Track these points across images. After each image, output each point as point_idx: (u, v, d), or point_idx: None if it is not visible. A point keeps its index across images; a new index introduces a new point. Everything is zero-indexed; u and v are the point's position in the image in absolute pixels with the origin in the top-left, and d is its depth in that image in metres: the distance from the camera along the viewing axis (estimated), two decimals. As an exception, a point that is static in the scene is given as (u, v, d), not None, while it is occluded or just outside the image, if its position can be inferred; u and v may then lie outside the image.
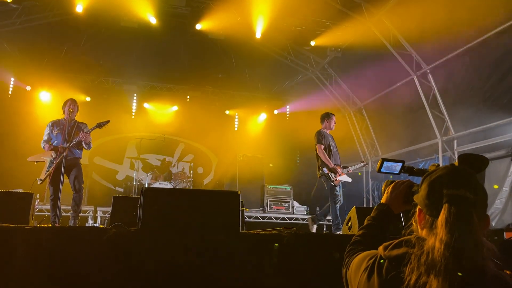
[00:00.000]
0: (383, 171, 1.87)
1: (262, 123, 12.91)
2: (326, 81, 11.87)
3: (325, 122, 6.85)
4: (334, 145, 6.74)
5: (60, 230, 4.02)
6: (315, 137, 6.72)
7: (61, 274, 3.32)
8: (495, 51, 7.24)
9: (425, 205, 1.26)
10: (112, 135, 11.28)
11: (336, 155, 6.68)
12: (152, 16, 8.98)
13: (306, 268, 3.70)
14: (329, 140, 6.69)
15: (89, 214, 8.97)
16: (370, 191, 11.49)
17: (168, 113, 12.24)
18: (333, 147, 6.71)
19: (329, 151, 6.61)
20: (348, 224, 4.75)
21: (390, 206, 1.65)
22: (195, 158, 12.18)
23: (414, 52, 8.76)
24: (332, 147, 6.68)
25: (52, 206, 5.72)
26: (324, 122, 6.86)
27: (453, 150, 8.70)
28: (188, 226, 3.70)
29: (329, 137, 6.76)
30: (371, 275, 1.26)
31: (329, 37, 9.68)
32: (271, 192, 10.40)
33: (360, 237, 1.60)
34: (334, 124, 6.91)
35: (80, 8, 8.58)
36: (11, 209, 4.23)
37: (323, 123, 6.86)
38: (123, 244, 3.46)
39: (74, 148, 5.95)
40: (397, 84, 9.62)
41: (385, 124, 10.71)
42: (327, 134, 6.78)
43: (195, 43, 10.32)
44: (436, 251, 1.11)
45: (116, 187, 11.31)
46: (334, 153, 6.67)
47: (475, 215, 1.15)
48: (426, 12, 7.65)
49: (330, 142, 6.69)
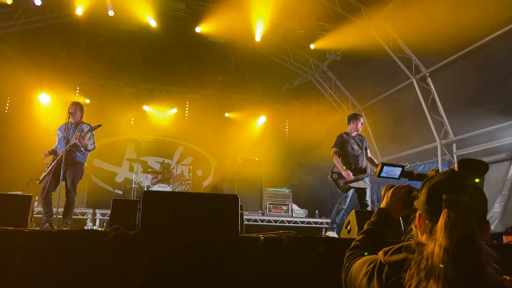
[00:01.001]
0: (383, 176, 1.87)
1: (262, 126, 12.91)
2: (325, 84, 11.89)
3: (351, 123, 6.62)
4: (356, 148, 6.45)
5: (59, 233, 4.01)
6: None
7: (60, 277, 3.32)
8: (494, 55, 7.26)
9: (424, 210, 1.26)
10: (112, 138, 11.28)
11: (354, 158, 6.39)
12: (152, 19, 8.99)
13: (305, 271, 3.69)
14: (351, 143, 6.45)
15: (88, 216, 8.95)
16: (370, 194, 11.49)
17: (167, 115, 12.25)
18: (355, 150, 6.43)
19: (346, 155, 6.38)
20: (347, 228, 4.75)
21: (390, 211, 1.65)
22: (194, 161, 12.17)
23: (413, 55, 8.79)
24: (354, 150, 6.42)
25: (43, 205, 5.64)
26: (351, 123, 6.62)
27: (452, 153, 8.72)
28: (187, 229, 3.70)
29: (352, 139, 6.49)
30: (371, 280, 1.26)
31: (329, 40, 9.69)
32: (270, 195, 10.39)
33: (360, 241, 1.60)
34: (362, 125, 6.62)
35: (80, 11, 8.59)
36: (10, 212, 4.22)
37: (350, 124, 6.63)
38: (122, 247, 3.46)
39: (73, 151, 5.92)
40: (396, 88, 9.64)
41: (384, 127, 10.71)
42: (350, 137, 6.52)
43: (195, 46, 10.33)
44: (436, 256, 1.11)
45: (115, 190, 11.29)
46: (353, 156, 6.39)
47: (474, 220, 1.15)
48: (425, 16, 7.67)
49: (351, 145, 6.43)
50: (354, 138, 6.53)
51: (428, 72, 8.65)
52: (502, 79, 7.31)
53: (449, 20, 7.22)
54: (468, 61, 7.74)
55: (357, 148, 6.47)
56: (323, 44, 9.84)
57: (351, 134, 6.58)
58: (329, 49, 10.02)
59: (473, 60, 7.64)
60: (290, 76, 12.01)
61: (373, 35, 8.92)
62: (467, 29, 7.00)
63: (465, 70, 7.95)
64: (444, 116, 8.67)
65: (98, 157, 11.35)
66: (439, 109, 8.70)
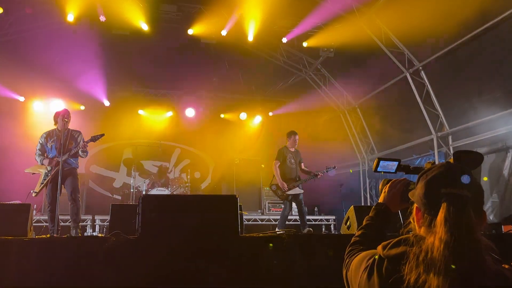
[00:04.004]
0: (379, 170, 1.88)
1: (258, 126, 12.92)
2: (319, 81, 11.90)
3: (290, 139, 7.67)
4: (293, 162, 7.53)
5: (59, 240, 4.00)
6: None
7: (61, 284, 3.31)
8: (486, 46, 7.30)
9: (422, 204, 1.26)
10: (108, 143, 11.26)
11: (291, 171, 7.46)
12: (144, 23, 8.97)
13: (307, 268, 3.70)
14: (289, 157, 7.51)
15: (87, 223, 8.93)
16: (368, 189, 11.53)
17: (163, 119, 12.24)
18: (292, 163, 7.50)
19: (285, 167, 7.44)
20: (347, 224, 4.76)
21: (388, 205, 1.66)
22: (192, 163, 12.16)
23: (406, 49, 8.81)
24: (291, 163, 7.49)
25: (50, 217, 5.70)
26: (289, 139, 7.68)
27: (448, 145, 8.75)
28: (187, 231, 3.70)
29: (290, 153, 7.56)
30: (371, 275, 1.27)
31: (321, 37, 9.70)
32: (268, 194, 10.40)
33: (359, 237, 1.61)
34: (297, 141, 7.68)
35: (71, 17, 8.56)
36: (9, 221, 4.20)
37: (289, 139, 7.68)
38: (124, 252, 3.46)
39: (69, 158, 5.91)
40: (390, 82, 9.67)
41: (380, 122, 10.75)
42: (289, 151, 7.58)
43: (188, 48, 10.31)
44: (436, 249, 1.12)
45: (113, 195, 11.27)
46: (290, 169, 7.46)
47: (472, 212, 1.16)
48: (416, 9, 7.69)
49: (290, 159, 7.50)
50: (292, 153, 7.61)
51: (421, 66, 8.68)
52: (495, 69, 7.35)
53: (440, 13, 7.24)
54: (461, 53, 7.77)
55: (293, 161, 7.55)
56: (316, 41, 9.85)
57: (289, 148, 7.64)
58: (322, 46, 10.03)
59: (465, 51, 7.67)
60: (284, 74, 12.00)
61: (365, 30, 8.94)
62: (459, 21, 7.02)
63: (458, 62, 7.98)
64: (439, 109, 8.71)
65: (95, 163, 11.33)
66: (434, 101, 8.73)
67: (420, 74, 8.82)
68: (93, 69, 10.17)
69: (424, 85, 8.80)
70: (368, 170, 11.66)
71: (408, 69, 8.89)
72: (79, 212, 5.90)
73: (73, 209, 5.81)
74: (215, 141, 11.86)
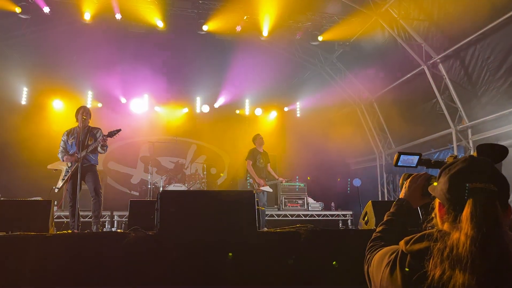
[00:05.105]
0: (400, 165, 1.86)
1: (273, 121, 12.91)
2: (335, 76, 11.81)
3: (256, 141, 8.24)
4: (261, 162, 8.12)
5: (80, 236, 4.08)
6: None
7: (82, 279, 3.37)
8: (507, 36, 7.11)
9: (446, 199, 1.24)
10: (125, 140, 11.38)
11: (260, 170, 8.04)
12: (159, 20, 9.03)
13: (325, 264, 3.69)
14: (259, 158, 8.09)
15: (106, 219, 9.06)
16: (385, 184, 11.42)
17: (179, 115, 12.31)
18: (261, 163, 8.10)
19: (256, 167, 8.00)
20: (365, 219, 4.73)
21: (409, 200, 1.64)
22: (208, 159, 12.20)
23: (423, 42, 8.65)
24: (260, 163, 8.08)
25: (71, 212, 5.81)
26: (256, 141, 8.24)
27: (467, 139, 8.58)
28: (205, 226, 3.73)
29: (259, 154, 8.14)
30: (394, 270, 1.25)
31: (337, 31, 9.62)
32: (285, 190, 10.39)
33: (381, 233, 1.59)
34: (262, 141, 8.27)
35: (88, 16, 8.67)
36: (31, 217, 4.30)
37: (256, 142, 8.25)
38: (143, 247, 3.50)
39: (88, 154, 6.02)
40: (408, 76, 9.52)
41: (397, 116, 10.59)
42: (258, 152, 8.14)
43: (203, 44, 10.33)
44: (462, 246, 1.09)
45: (131, 191, 11.40)
46: (259, 168, 8.04)
47: (499, 206, 1.14)
48: (432, 1, 7.55)
49: (259, 160, 8.08)
50: (261, 153, 8.18)
51: (439, 58, 8.51)
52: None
53: (458, 4, 7.10)
54: (480, 45, 7.60)
55: (262, 161, 8.13)
56: (331, 35, 9.76)
57: (258, 149, 8.19)
58: (338, 40, 9.95)
59: (485, 43, 7.50)
60: (299, 69, 11.96)
61: (381, 23, 8.82)
62: (477, 12, 6.87)
63: (478, 54, 7.80)
64: (457, 102, 8.54)
65: (113, 160, 11.47)
66: (452, 95, 8.56)
67: (438, 67, 8.66)
68: (109, 67, 10.28)
69: (443, 78, 8.63)
70: (386, 165, 11.54)
71: (426, 62, 8.73)
72: (101, 208, 6.00)
73: (96, 204, 5.91)
74: (231, 137, 11.88)
